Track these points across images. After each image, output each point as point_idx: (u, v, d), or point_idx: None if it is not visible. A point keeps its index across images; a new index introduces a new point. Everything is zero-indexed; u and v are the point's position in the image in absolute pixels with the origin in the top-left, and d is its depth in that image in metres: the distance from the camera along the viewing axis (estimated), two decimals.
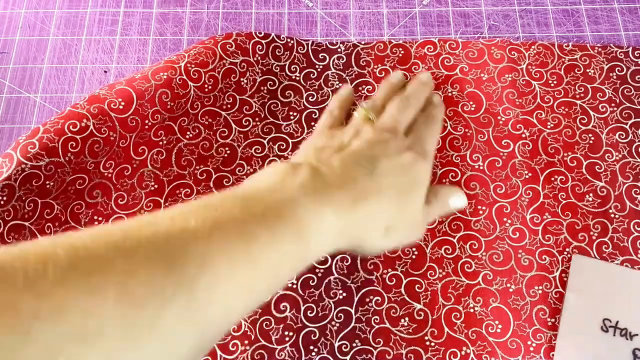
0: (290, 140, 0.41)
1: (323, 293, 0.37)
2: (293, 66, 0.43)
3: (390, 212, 0.31)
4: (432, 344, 0.36)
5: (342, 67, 0.43)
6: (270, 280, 0.25)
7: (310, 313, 0.37)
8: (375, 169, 0.31)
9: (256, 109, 0.42)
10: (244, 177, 0.40)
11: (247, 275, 0.23)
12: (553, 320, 0.36)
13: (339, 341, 0.36)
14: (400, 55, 0.44)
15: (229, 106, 0.41)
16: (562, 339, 0.35)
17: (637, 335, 0.34)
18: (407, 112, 0.37)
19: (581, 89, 0.42)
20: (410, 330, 0.36)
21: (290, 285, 0.37)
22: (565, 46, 0.44)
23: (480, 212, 0.39)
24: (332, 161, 0.31)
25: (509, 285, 0.37)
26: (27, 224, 0.34)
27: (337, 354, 0.36)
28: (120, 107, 0.37)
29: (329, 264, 0.38)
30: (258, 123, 0.42)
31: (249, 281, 0.24)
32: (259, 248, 0.24)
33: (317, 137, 0.36)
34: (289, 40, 0.44)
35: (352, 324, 0.36)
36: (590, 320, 0.35)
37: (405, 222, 0.33)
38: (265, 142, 0.41)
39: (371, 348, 0.36)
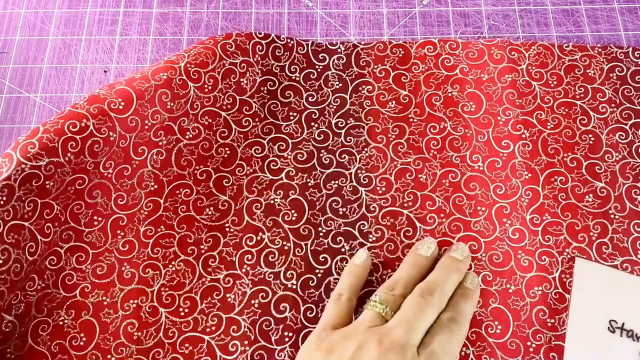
0: (290, 141, 0.41)
1: (323, 294, 0.37)
2: (293, 66, 0.43)
3: None
4: None
5: (342, 68, 0.43)
6: None
7: (310, 314, 0.37)
8: None
9: (256, 109, 0.42)
10: (244, 177, 0.40)
11: None
12: (553, 321, 0.36)
13: None
14: (400, 55, 0.44)
15: (228, 106, 0.41)
16: (570, 339, 0.35)
17: None
18: (426, 318, 0.32)
19: (581, 90, 0.42)
20: None
21: (290, 285, 0.37)
22: (565, 46, 0.44)
23: (480, 212, 0.39)
24: None
25: (508, 285, 0.37)
26: (26, 224, 0.34)
27: None
28: (120, 107, 0.37)
29: (328, 264, 0.38)
30: (258, 123, 0.42)
31: None
32: None
33: (313, 346, 0.32)
34: (288, 40, 0.44)
35: None
36: (597, 321, 0.35)
37: None
38: (265, 142, 0.41)
39: None
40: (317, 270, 0.38)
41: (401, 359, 0.29)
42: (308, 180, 0.40)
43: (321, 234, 0.39)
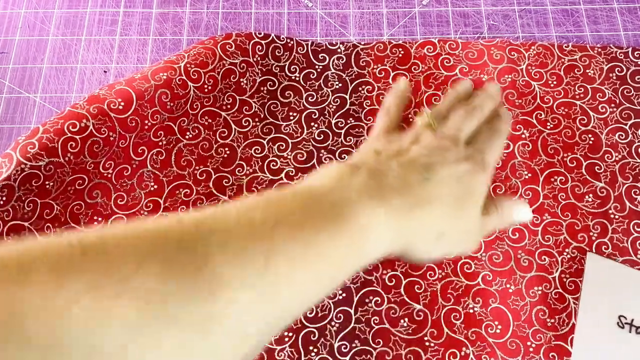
0: (290, 141, 0.41)
1: None
2: (293, 66, 0.43)
3: (444, 220, 0.31)
4: (432, 344, 0.36)
5: (341, 68, 0.43)
6: (326, 283, 0.26)
7: (310, 313, 0.37)
8: (432, 176, 0.30)
9: (256, 110, 0.42)
10: (244, 177, 0.40)
11: (303, 278, 0.24)
12: (552, 320, 0.36)
13: (338, 342, 0.36)
14: (400, 55, 0.44)
15: (228, 106, 0.41)
16: (579, 333, 0.35)
17: None
18: (470, 122, 0.35)
19: (581, 90, 0.42)
20: (410, 331, 0.36)
21: None
22: (565, 47, 0.44)
23: None
24: (391, 165, 0.30)
25: (508, 285, 0.37)
26: (26, 224, 0.34)
27: (337, 354, 0.36)
28: (120, 107, 0.37)
29: None
30: (258, 123, 0.42)
31: (303, 284, 0.24)
32: (316, 250, 0.24)
33: (374, 141, 0.35)
34: (288, 40, 0.44)
35: (352, 325, 0.36)
36: (606, 316, 0.35)
37: (459, 231, 0.32)
38: (264, 142, 0.41)
39: (371, 349, 0.36)
40: None
41: (453, 145, 0.32)
42: None
43: None
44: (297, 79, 0.43)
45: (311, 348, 0.36)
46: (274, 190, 0.26)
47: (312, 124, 0.42)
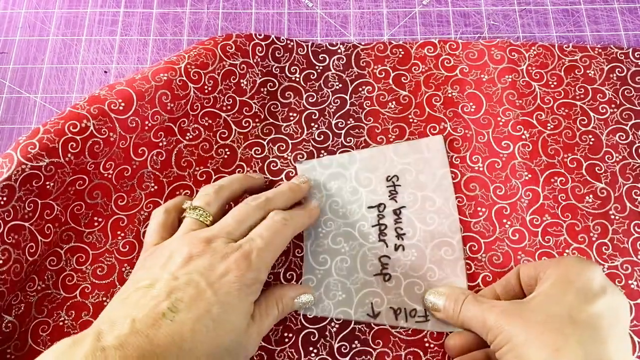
0: (290, 141, 0.41)
1: (323, 294, 0.37)
2: (293, 67, 0.43)
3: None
4: (432, 345, 0.36)
5: (342, 68, 0.43)
6: None
7: (310, 314, 0.37)
8: (177, 312, 0.28)
9: (256, 110, 0.42)
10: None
11: None
12: None
13: (338, 342, 0.36)
14: (400, 55, 0.44)
15: (228, 107, 0.41)
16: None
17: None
18: (247, 219, 0.33)
19: (581, 90, 0.42)
20: (410, 332, 0.36)
21: None
22: (566, 47, 0.44)
23: (480, 213, 0.39)
24: (124, 323, 0.27)
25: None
26: (27, 224, 0.34)
27: (337, 355, 0.36)
28: (121, 107, 0.37)
29: (328, 265, 0.38)
30: (258, 124, 0.42)
31: None
32: None
33: (139, 267, 0.33)
34: (288, 41, 0.44)
35: (352, 325, 0.36)
36: None
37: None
38: (265, 143, 0.41)
39: (370, 349, 0.36)
40: (317, 271, 0.38)
41: (210, 248, 0.31)
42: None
43: (321, 235, 0.39)
44: (297, 79, 0.43)
45: (311, 349, 0.36)
46: None
47: (312, 124, 0.42)
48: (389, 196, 0.39)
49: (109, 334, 0.26)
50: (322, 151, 0.41)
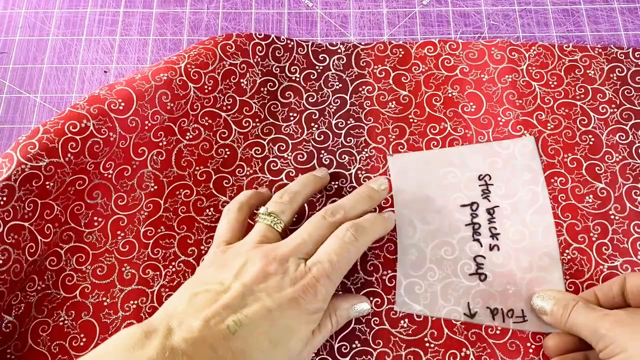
0: (290, 141, 0.41)
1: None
2: (293, 67, 0.43)
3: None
4: (432, 345, 0.36)
5: (342, 68, 0.43)
6: None
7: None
8: (241, 327, 0.28)
9: (256, 110, 0.42)
10: (244, 177, 0.40)
11: None
12: None
13: (338, 342, 0.36)
14: (401, 55, 0.44)
15: (228, 107, 0.41)
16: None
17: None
18: (320, 233, 0.33)
19: (581, 90, 0.42)
20: (410, 332, 0.36)
21: None
22: (566, 47, 0.44)
23: None
24: (192, 325, 0.28)
25: (508, 286, 0.37)
26: (26, 224, 0.34)
27: (337, 355, 0.36)
28: (120, 107, 0.37)
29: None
30: (258, 124, 0.42)
31: None
32: None
33: (207, 264, 0.33)
34: (288, 41, 0.44)
35: (352, 325, 0.36)
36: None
37: None
38: (265, 143, 0.41)
39: (371, 349, 0.36)
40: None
41: (282, 269, 0.31)
42: None
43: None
44: (298, 79, 0.43)
45: None
46: None
47: (313, 124, 0.42)
48: (482, 195, 0.39)
49: (177, 332, 0.27)
50: (322, 151, 0.41)
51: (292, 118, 0.42)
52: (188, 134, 0.40)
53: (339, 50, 0.44)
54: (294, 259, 0.32)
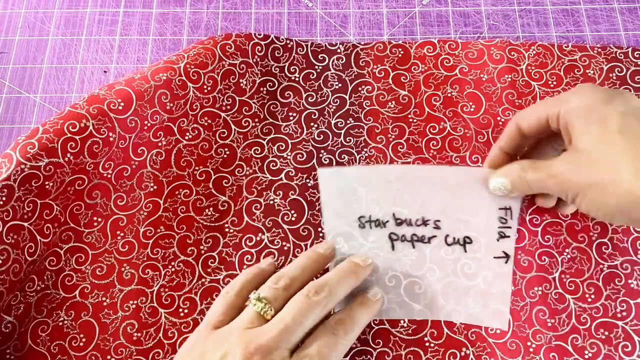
0: (289, 141, 0.41)
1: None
2: (292, 67, 0.43)
3: None
4: (432, 344, 0.36)
5: (341, 68, 0.43)
6: None
7: None
8: None
9: (255, 110, 0.42)
10: (244, 177, 0.40)
11: None
12: (553, 321, 0.36)
13: None
14: (400, 55, 0.44)
15: (228, 107, 0.41)
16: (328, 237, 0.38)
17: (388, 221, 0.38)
18: (306, 320, 0.31)
19: None
20: (410, 331, 0.36)
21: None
22: (565, 47, 0.44)
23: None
24: None
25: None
26: (26, 224, 0.34)
27: None
28: (120, 107, 0.37)
29: (328, 265, 0.38)
30: (257, 124, 0.42)
31: None
32: None
33: (189, 347, 0.32)
34: (288, 41, 0.44)
35: None
36: (348, 221, 0.38)
37: None
38: (264, 142, 0.41)
39: (371, 349, 0.36)
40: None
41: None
42: (308, 180, 0.40)
43: (321, 235, 0.38)
44: (297, 79, 0.43)
45: None
46: None
47: (312, 124, 0.42)
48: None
49: None
50: (322, 151, 0.41)
51: (291, 118, 0.42)
52: (187, 134, 0.40)
53: (339, 50, 0.44)
54: (280, 351, 0.29)
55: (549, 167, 0.33)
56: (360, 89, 0.43)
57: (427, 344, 0.36)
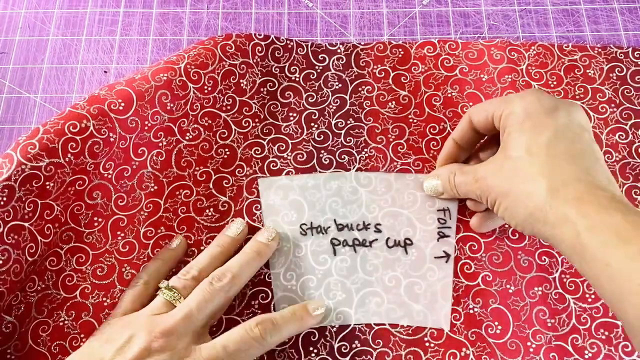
0: (289, 141, 0.41)
1: (323, 294, 0.37)
2: (292, 67, 0.43)
3: None
4: (432, 345, 0.36)
5: (341, 68, 0.43)
6: None
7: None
8: None
9: (256, 110, 0.42)
10: (244, 177, 0.40)
11: None
12: (553, 321, 0.36)
13: (338, 342, 0.36)
14: (400, 55, 0.44)
15: (228, 107, 0.41)
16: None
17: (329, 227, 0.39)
18: (209, 305, 0.33)
19: (581, 90, 0.42)
20: (410, 332, 0.36)
21: (289, 286, 0.37)
22: (565, 47, 0.44)
23: None
24: None
25: (508, 286, 0.37)
26: (26, 224, 0.34)
27: (337, 355, 0.36)
28: (120, 107, 0.37)
29: (328, 265, 0.38)
30: (258, 124, 0.42)
31: None
32: None
33: (97, 334, 0.33)
34: (288, 41, 0.44)
35: (352, 325, 0.36)
36: (288, 231, 0.39)
37: None
38: (264, 143, 0.41)
39: (371, 349, 0.36)
40: (317, 271, 0.38)
41: (169, 346, 0.30)
42: (308, 180, 0.40)
43: (321, 235, 0.39)
44: (297, 79, 0.43)
45: (311, 349, 0.36)
46: None
47: (312, 124, 0.42)
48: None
49: None
50: (322, 151, 0.41)
51: (291, 118, 0.42)
52: (188, 134, 0.40)
53: (339, 51, 0.44)
54: (184, 335, 0.31)
55: (475, 171, 0.34)
56: (360, 89, 0.43)
57: (427, 344, 0.36)
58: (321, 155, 0.41)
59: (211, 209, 0.39)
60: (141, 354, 0.30)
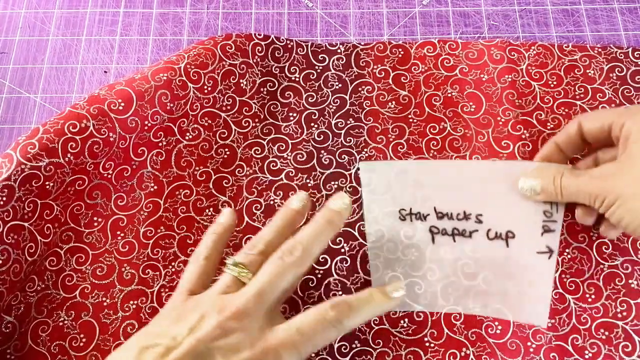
0: (289, 141, 0.41)
1: (323, 294, 0.37)
2: (292, 67, 0.43)
3: None
4: (432, 345, 0.36)
5: (341, 68, 0.43)
6: None
7: None
8: None
9: (256, 110, 0.42)
10: (244, 177, 0.40)
11: None
12: (552, 320, 0.36)
13: (338, 342, 0.36)
14: (400, 55, 0.44)
15: (228, 107, 0.41)
16: (370, 233, 0.38)
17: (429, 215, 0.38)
18: (281, 282, 0.31)
19: (581, 90, 0.42)
20: (410, 332, 0.36)
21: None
22: (565, 47, 0.44)
23: None
24: None
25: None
26: (26, 224, 0.34)
27: (337, 355, 0.36)
28: (120, 107, 0.37)
29: (328, 265, 0.38)
30: (257, 124, 0.42)
31: None
32: None
33: (165, 314, 0.31)
34: (288, 41, 0.44)
35: None
36: (388, 214, 0.39)
37: None
38: (264, 143, 0.41)
39: (371, 349, 0.36)
40: (317, 271, 0.38)
41: (242, 325, 0.29)
42: (308, 180, 0.40)
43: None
44: (297, 79, 0.43)
45: None
46: None
47: (312, 124, 0.42)
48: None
49: None
50: (322, 151, 0.41)
51: (291, 118, 0.42)
52: (188, 134, 0.40)
53: (339, 51, 0.44)
54: (255, 315, 0.29)
55: (592, 170, 0.34)
56: (360, 89, 0.43)
57: (427, 344, 0.36)
58: (321, 155, 0.41)
59: (211, 209, 0.39)
60: (214, 331, 0.28)
